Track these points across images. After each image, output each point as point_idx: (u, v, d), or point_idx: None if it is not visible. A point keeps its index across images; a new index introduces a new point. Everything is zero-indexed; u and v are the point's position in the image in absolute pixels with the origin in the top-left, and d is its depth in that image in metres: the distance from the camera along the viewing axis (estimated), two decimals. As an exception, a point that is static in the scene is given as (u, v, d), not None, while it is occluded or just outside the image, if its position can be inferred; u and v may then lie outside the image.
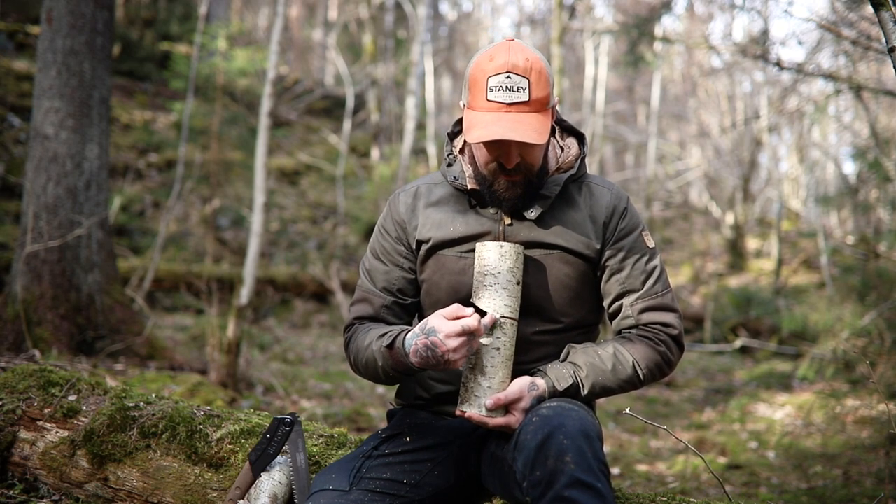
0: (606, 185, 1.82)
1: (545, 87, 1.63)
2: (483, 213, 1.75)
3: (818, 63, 7.50)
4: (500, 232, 1.73)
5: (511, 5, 27.88)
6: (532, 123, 1.60)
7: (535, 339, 1.72)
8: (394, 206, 1.84)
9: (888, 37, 1.68)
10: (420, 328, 1.58)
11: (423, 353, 1.56)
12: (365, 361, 1.71)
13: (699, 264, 14.77)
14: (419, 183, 1.87)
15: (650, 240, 1.79)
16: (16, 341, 4.21)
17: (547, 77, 1.63)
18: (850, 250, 9.39)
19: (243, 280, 5.15)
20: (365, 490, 1.58)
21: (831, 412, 5.34)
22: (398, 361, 1.63)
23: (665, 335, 1.73)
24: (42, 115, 4.50)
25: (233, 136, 10.50)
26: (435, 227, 1.77)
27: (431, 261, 1.77)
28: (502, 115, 1.60)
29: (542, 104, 1.63)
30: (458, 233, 1.74)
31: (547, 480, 1.39)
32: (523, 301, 1.68)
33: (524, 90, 1.60)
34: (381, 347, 1.65)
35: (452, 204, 1.79)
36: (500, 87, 1.60)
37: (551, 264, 1.72)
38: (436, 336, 1.54)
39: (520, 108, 1.60)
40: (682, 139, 20.12)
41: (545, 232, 1.73)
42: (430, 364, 1.57)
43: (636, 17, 8.53)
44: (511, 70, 1.60)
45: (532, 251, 1.72)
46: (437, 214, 1.78)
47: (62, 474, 2.12)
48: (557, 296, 1.73)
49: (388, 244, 1.83)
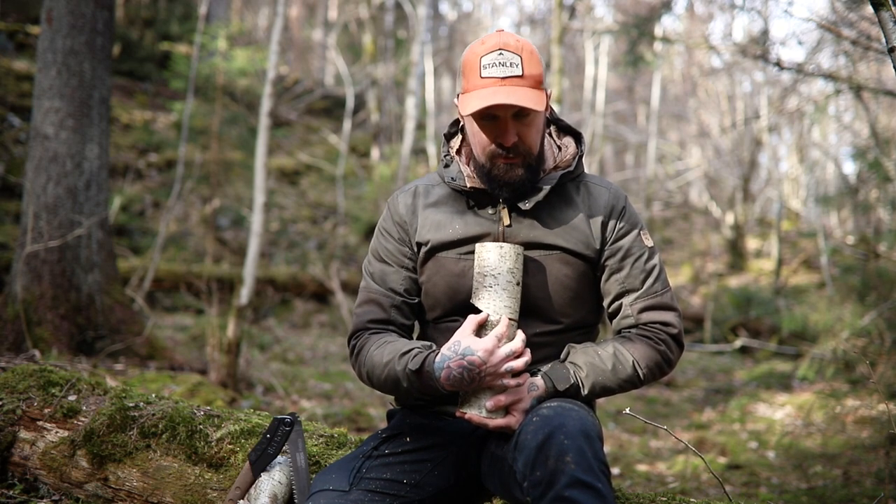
0: (605, 184, 1.82)
1: (538, 66, 1.65)
2: (481, 214, 1.75)
3: (818, 63, 7.50)
4: (499, 233, 1.73)
5: (511, 5, 27.89)
6: (527, 93, 1.62)
7: (535, 341, 1.71)
8: (393, 207, 1.84)
9: (888, 37, 1.67)
10: (450, 349, 1.58)
11: (457, 374, 1.56)
12: (384, 378, 1.68)
13: (699, 264, 14.77)
14: (417, 183, 1.86)
15: (649, 239, 1.79)
16: (16, 341, 4.21)
17: (538, 59, 1.66)
18: (850, 250, 9.39)
19: (243, 280, 5.15)
20: (365, 490, 1.58)
21: (831, 412, 5.34)
22: (427, 385, 1.62)
23: (665, 334, 1.73)
24: (42, 115, 4.50)
25: (233, 136, 10.50)
26: (433, 229, 1.76)
27: (430, 263, 1.76)
28: (497, 87, 1.62)
29: (535, 80, 1.64)
30: (457, 234, 1.74)
31: (547, 480, 1.39)
32: (523, 302, 1.67)
33: (517, 65, 1.62)
34: (406, 370, 1.62)
35: (451, 205, 1.78)
36: (493, 64, 1.62)
37: (551, 265, 1.72)
38: (473, 355, 1.55)
39: (514, 81, 1.62)
40: (682, 139, 20.12)
41: (544, 232, 1.72)
42: (465, 384, 1.57)
43: (636, 17, 8.53)
44: (503, 48, 1.63)
45: (532, 252, 1.71)
46: (435, 216, 1.77)
47: (62, 474, 2.12)
48: (557, 296, 1.72)
49: (392, 245, 1.82)
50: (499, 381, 1.58)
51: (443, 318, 1.77)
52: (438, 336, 1.76)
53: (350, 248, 11.60)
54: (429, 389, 1.63)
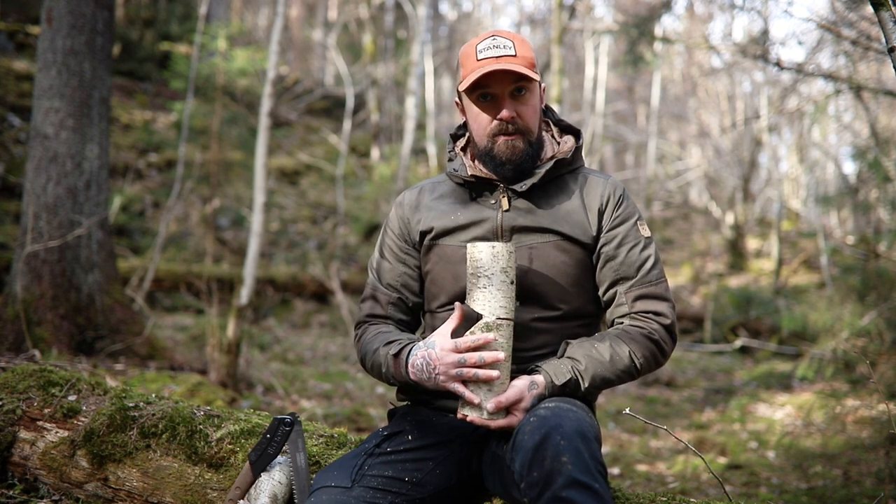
0: (603, 176, 1.86)
1: (530, 52, 1.75)
2: (482, 203, 1.81)
3: (818, 63, 7.50)
4: (497, 219, 1.77)
5: (511, 5, 27.90)
6: (522, 65, 1.70)
7: (534, 326, 1.73)
8: (398, 203, 1.92)
9: (888, 37, 1.67)
10: (424, 341, 1.64)
11: (419, 365, 1.63)
12: (372, 364, 1.78)
13: (699, 264, 14.77)
14: (424, 182, 1.96)
15: (646, 229, 1.81)
16: (16, 341, 4.21)
17: (530, 47, 1.75)
18: (850, 250, 9.39)
19: (243, 280, 5.15)
20: (367, 487, 1.59)
21: (831, 412, 5.33)
22: (398, 371, 1.69)
23: (657, 324, 1.74)
24: (42, 115, 4.50)
25: (233, 136, 10.50)
26: (436, 218, 1.83)
27: (434, 251, 1.82)
28: (493, 63, 1.71)
29: (528, 61, 1.72)
30: (459, 221, 1.80)
31: (544, 481, 1.39)
32: (522, 288, 1.71)
33: (510, 48, 1.72)
34: (387, 354, 1.71)
35: (454, 197, 1.86)
36: (487, 48, 1.73)
37: (549, 252, 1.75)
38: (433, 349, 1.60)
39: (508, 59, 1.71)
40: (682, 139, 20.13)
41: (541, 218, 1.77)
42: (423, 379, 1.62)
43: (636, 17, 8.53)
44: (496, 34, 1.75)
45: (529, 237, 1.76)
46: (439, 206, 1.85)
47: (62, 474, 2.12)
48: (555, 282, 1.75)
49: (393, 242, 1.90)
50: (451, 385, 1.59)
51: (446, 306, 1.81)
52: (441, 324, 1.78)
53: (350, 248, 11.60)
54: (400, 376, 1.70)
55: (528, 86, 1.74)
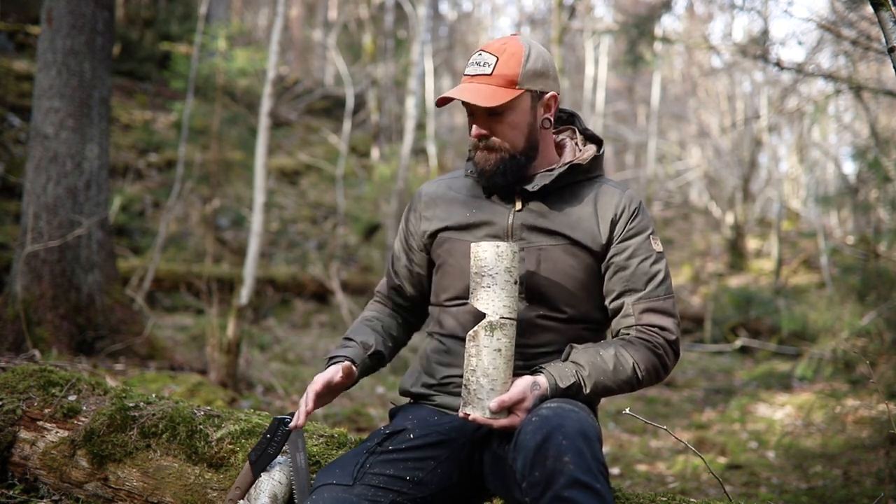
0: (621, 186, 1.86)
1: (514, 67, 1.72)
2: (496, 202, 1.83)
3: (818, 63, 7.50)
4: (509, 219, 1.79)
5: (511, 5, 27.90)
6: (483, 90, 1.71)
7: (539, 323, 1.74)
8: (417, 195, 1.97)
9: (888, 37, 1.67)
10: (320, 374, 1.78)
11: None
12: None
13: (699, 264, 14.78)
14: (444, 177, 1.99)
15: (658, 244, 1.81)
16: (16, 341, 4.21)
17: (520, 60, 1.73)
18: (850, 250, 9.38)
19: (243, 280, 5.14)
20: (368, 485, 1.59)
21: (831, 412, 5.34)
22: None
23: (662, 339, 1.74)
24: (42, 115, 4.50)
25: (233, 136, 10.50)
26: (449, 213, 1.87)
27: (445, 246, 1.85)
28: (463, 85, 1.75)
29: (505, 79, 1.72)
30: (472, 218, 1.83)
31: (546, 481, 1.39)
32: (529, 289, 1.73)
33: (489, 65, 1.72)
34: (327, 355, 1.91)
35: (469, 193, 1.89)
36: (471, 64, 1.76)
37: (557, 255, 1.76)
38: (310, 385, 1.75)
39: (481, 79, 1.73)
40: (682, 139, 20.13)
41: (552, 221, 1.78)
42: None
43: (636, 17, 8.53)
44: (484, 49, 1.76)
45: (538, 238, 1.77)
46: (454, 201, 1.88)
47: (62, 474, 2.12)
48: (562, 286, 1.75)
49: (404, 231, 1.98)
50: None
51: (455, 300, 1.82)
52: (448, 318, 1.83)
53: (350, 248, 11.60)
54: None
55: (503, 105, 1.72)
